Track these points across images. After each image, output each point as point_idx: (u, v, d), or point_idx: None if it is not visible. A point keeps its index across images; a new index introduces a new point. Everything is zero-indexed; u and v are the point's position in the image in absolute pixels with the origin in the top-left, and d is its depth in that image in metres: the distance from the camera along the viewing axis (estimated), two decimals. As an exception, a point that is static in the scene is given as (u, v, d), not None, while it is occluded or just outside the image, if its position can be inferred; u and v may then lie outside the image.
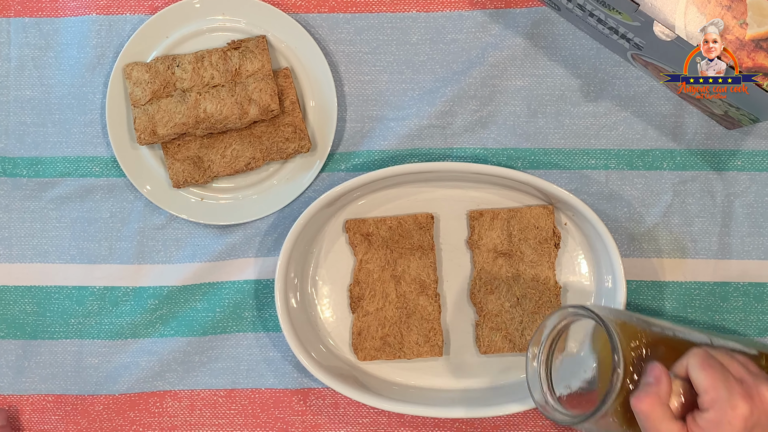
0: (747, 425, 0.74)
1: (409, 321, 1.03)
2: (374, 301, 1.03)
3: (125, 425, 1.06)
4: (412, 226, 1.03)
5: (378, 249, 1.03)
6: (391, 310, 1.03)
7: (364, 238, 1.03)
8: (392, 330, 1.03)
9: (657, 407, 0.77)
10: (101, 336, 1.07)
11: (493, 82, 1.05)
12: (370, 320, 1.03)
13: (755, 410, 0.75)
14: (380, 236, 1.03)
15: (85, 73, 1.07)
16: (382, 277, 1.03)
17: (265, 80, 1.02)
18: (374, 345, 1.03)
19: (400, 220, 1.03)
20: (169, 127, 1.02)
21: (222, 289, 1.06)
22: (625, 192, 1.05)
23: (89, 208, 1.07)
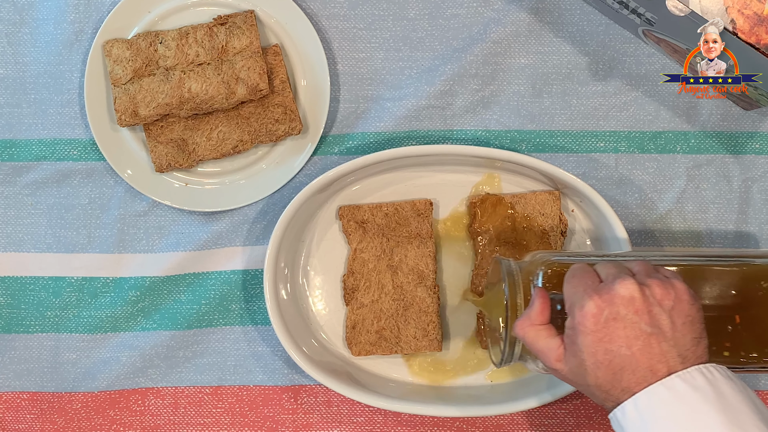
0: (598, 321, 0.77)
1: (407, 314, 1.03)
2: (369, 292, 1.03)
3: (105, 424, 1.06)
4: (409, 213, 1.03)
5: (373, 237, 1.03)
6: (388, 302, 1.03)
7: (359, 225, 1.03)
8: (388, 323, 1.03)
9: (528, 329, 0.82)
10: (79, 330, 1.07)
11: (495, 59, 1.05)
12: (365, 313, 1.03)
13: (606, 305, 0.77)
14: (376, 224, 1.03)
15: (62, 51, 1.07)
16: (378, 267, 1.03)
17: (254, 58, 1.02)
18: (369, 339, 1.02)
19: (397, 206, 1.03)
20: (152, 108, 1.02)
21: (208, 280, 1.06)
22: (636, 177, 1.05)
23: (66, 193, 1.07)
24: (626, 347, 0.76)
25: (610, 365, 0.77)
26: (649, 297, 0.78)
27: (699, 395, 0.74)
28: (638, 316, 0.77)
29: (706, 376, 0.75)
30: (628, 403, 0.76)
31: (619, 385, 0.77)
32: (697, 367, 0.76)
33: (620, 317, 0.77)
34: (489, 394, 1.02)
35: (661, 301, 0.78)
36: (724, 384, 0.75)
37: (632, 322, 0.77)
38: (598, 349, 0.77)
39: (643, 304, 0.77)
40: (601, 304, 0.78)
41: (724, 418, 0.72)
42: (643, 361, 0.76)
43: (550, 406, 1.04)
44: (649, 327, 0.76)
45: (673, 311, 0.77)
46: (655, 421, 0.74)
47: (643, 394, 0.75)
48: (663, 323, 0.77)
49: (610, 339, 0.77)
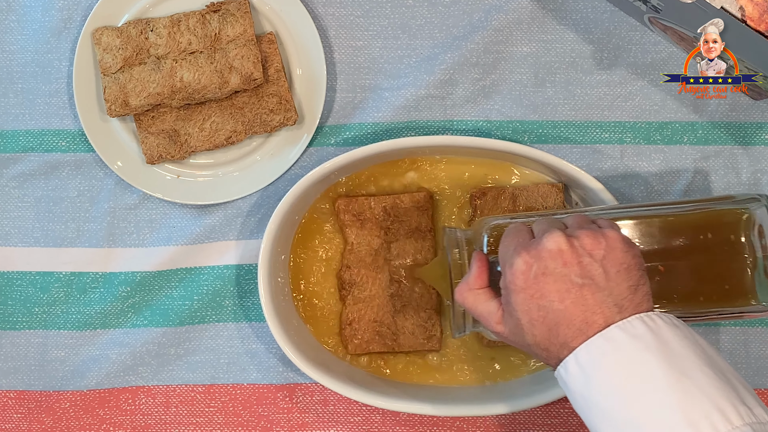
0: (528, 278, 0.77)
1: (405, 310, 1.02)
2: (366, 288, 1.02)
3: (94, 423, 1.06)
4: (408, 206, 1.02)
5: (371, 231, 1.02)
6: (385, 298, 1.02)
7: (356, 218, 1.02)
8: (386, 320, 1.02)
9: (467, 293, 0.84)
10: (68, 326, 1.06)
11: (497, 48, 1.05)
12: (361, 309, 1.02)
13: (534, 261, 0.77)
14: (374, 217, 1.02)
15: (50, 39, 1.06)
16: (375, 262, 1.02)
17: (248, 46, 1.01)
18: (365, 337, 1.02)
19: (395, 199, 1.02)
20: (143, 98, 1.02)
21: (200, 275, 1.06)
22: (641, 168, 1.05)
23: (55, 186, 1.07)
24: (558, 301, 0.76)
25: (545, 321, 0.77)
26: (578, 248, 0.77)
27: (639, 343, 0.73)
28: (567, 268, 0.76)
29: (647, 324, 0.74)
30: (570, 358, 0.75)
31: (556, 341, 0.76)
32: (638, 316, 0.75)
33: (549, 271, 0.76)
34: (490, 393, 1.01)
35: (591, 251, 0.77)
36: (667, 331, 0.74)
37: (562, 275, 0.76)
38: (531, 306, 0.77)
39: (572, 256, 0.77)
40: (529, 259, 0.78)
41: (666, 365, 0.71)
42: (577, 313, 0.75)
43: (553, 405, 1.04)
44: (579, 278, 0.76)
45: (605, 260, 0.77)
46: (596, 374, 0.73)
47: (582, 347, 0.74)
48: (595, 273, 0.76)
49: (542, 294, 0.76)
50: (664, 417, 0.70)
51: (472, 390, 1.03)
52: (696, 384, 0.71)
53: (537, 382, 1.01)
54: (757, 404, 0.72)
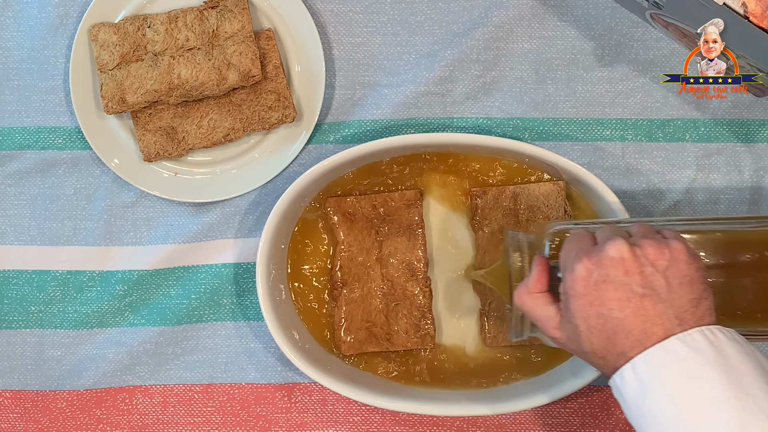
0: (588, 284, 0.77)
1: (398, 309, 1.02)
2: (358, 287, 1.02)
3: (91, 423, 1.06)
4: (399, 204, 1.02)
5: (362, 230, 1.02)
6: (377, 297, 1.02)
7: (346, 218, 1.02)
8: (378, 319, 1.02)
9: (526, 297, 0.84)
10: (64, 325, 1.06)
11: (497, 44, 1.05)
12: (353, 309, 1.02)
13: (594, 267, 0.77)
14: (364, 216, 1.02)
15: (47, 35, 1.06)
16: (367, 261, 1.02)
17: (246, 42, 1.01)
18: (358, 336, 1.02)
19: (386, 197, 1.02)
20: (140, 95, 1.01)
21: (198, 274, 1.06)
22: (643, 166, 1.04)
23: (51, 183, 1.07)
24: (618, 310, 0.75)
25: (603, 329, 0.76)
26: (640, 257, 0.77)
27: (700, 357, 0.72)
28: (629, 276, 0.76)
29: (708, 338, 0.73)
30: (626, 367, 0.74)
31: (614, 349, 0.76)
32: (699, 329, 0.74)
33: (610, 279, 0.76)
34: (490, 393, 1.01)
35: (654, 261, 0.76)
36: (728, 346, 0.73)
37: (623, 283, 0.76)
38: (590, 313, 0.77)
39: (634, 265, 0.76)
40: (590, 266, 0.77)
41: (726, 381, 0.71)
42: (637, 323, 0.75)
43: (554, 405, 1.04)
44: (641, 288, 0.75)
45: (668, 271, 0.76)
46: (653, 386, 0.73)
47: (640, 357, 0.74)
48: (657, 284, 0.75)
49: (601, 302, 0.76)
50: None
51: (473, 390, 1.02)
52: (756, 402, 0.70)
53: (537, 382, 1.00)
54: None
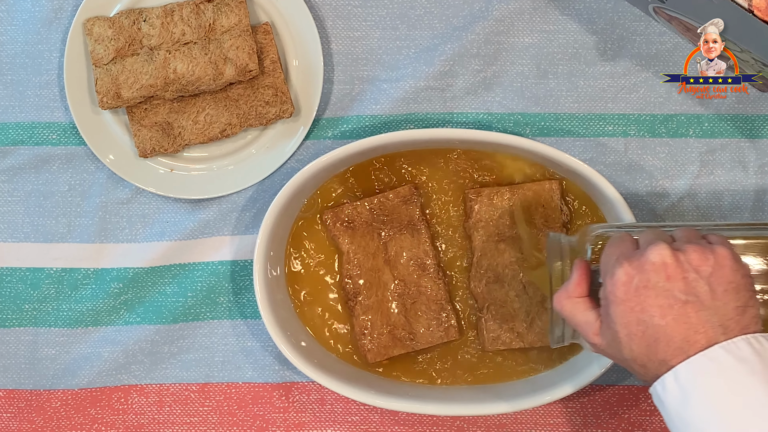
0: (628, 290, 0.76)
1: (415, 307, 1.01)
2: (372, 293, 1.02)
3: (85, 423, 1.05)
4: (395, 203, 1.02)
5: (363, 236, 1.02)
6: (393, 299, 1.02)
7: (346, 227, 1.02)
8: (398, 321, 1.01)
9: (566, 302, 0.83)
10: (59, 324, 1.06)
11: (498, 38, 1.04)
12: (371, 316, 1.01)
13: (635, 272, 0.76)
14: (363, 221, 1.02)
15: (41, 29, 1.06)
16: (375, 266, 1.02)
17: (243, 37, 1.01)
18: (382, 342, 1.01)
19: (381, 198, 1.02)
20: (135, 90, 1.01)
21: (194, 271, 1.06)
22: (646, 162, 1.04)
23: (45, 180, 1.06)
24: (659, 316, 0.74)
25: (644, 336, 0.75)
26: (683, 263, 0.75)
27: (745, 367, 0.71)
28: (671, 282, 0.75)
29: (753, 347, 0.72)
30: (668, 375, 0.74)
31: (655, 357, 0.75)
32: (744, 337, 0.73)
33: (651, 284, 0.75)
34: (490, 393, 1.01)
35: (697, 267, 0.75)
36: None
37: (665, 289, 0.75)
38: (630, 319, 0.76)
39: (677, 270, 0.75)
40: (631, 271, 0.76)
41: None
42: (679, 331, 0.74)
43: (556, 404, 1.04)
44: (683, 295, 0.74)
45: (712, 278, 0.75)
46: (696, 395, 0.72)
47: (683, 366, 0.73)
48: (700, 291, 0.74)
49: (642, 308, 0.75)
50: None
51: (473, 389, 1.02)
52: None
53: (539, 381, 1.00)
54: None
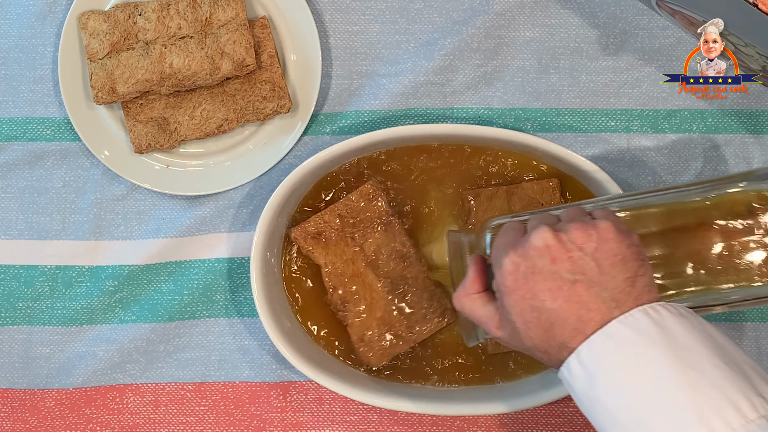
0: (517, 278, 0.76)
1: (407, 300, 1.01)
2: (361, 298, 1.01)
3: (80, 423, 1.05)
4: (360, 203, 1.01)
5: (337, 244, 1.01)
6: (383, 298, 1.01)
7: (317, 240, 1.01)
8: (395, 318, 1.01)
9: (464, 299, 0.83)
10: (53, 322, 1.06)
11: (498, 33, 1.05)
12: (366, 321, 1.01)
13: (521, 260, 0.76)
14: (332, 229, 1.01)
15: (35, 23, 1.06)
16: (356, 270, 1.01)
17: (240, 31, 1.01)
18: (383, 344, 1.01)
19: (345, 203, 1.01)
20: (131, 85, 1.01)
21: (190, 269, 1.06)
22: (649, 158, 1.04)
23: (39, 176, 1.06)
24: (551, 300, 0.74)
25: (540, 322, 0.75)
26: (566, 242, 0.75)
27: (644, 338, 0.71)
28: (557, 264, 0.75)
29: (650, 316, 0.72)
30: (572, 358, 0.73)
31: (554, 341, 0.74)
32: (641, 308, 0.73)
33: (538, 269, 0.75)
34: (491, 392, 1.01)
35: (581, 245, 0.75)
36: (673, 322, 0.72)
37: (551, 272, 0.75)
38: (524, 307, 0.76)
39: (561, 251, 0.75)
40: (516, 259, 0.76)
41: (674, 360, 0.69)
42: (572, 311, 0.74)
43: (556, 405, 1.03)
44: (570, 274, 0.74)
45: (597, 253, 0.75)
46: (600, 374, 0.71)
47: (584, 346, 0.72)
48: (587, 268, 0.74)
49: (533, 294, 0.75)
50: (673, 415, 0.68)
51: (473, 389, 1.02)
52: (706, 377, 0.69)
53: (539, 380, 1.00)
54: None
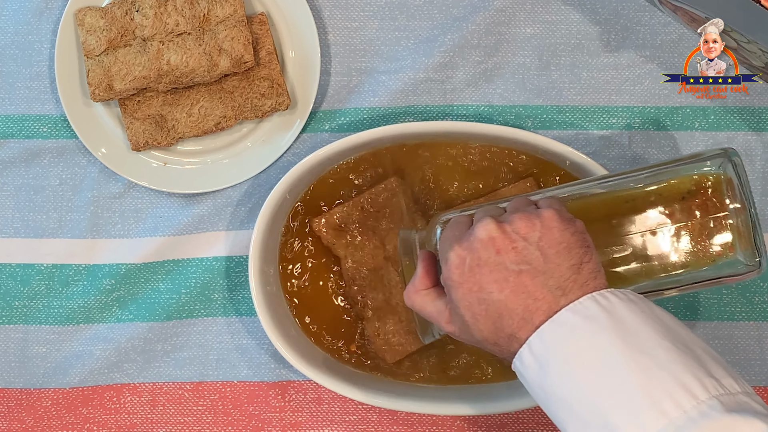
0: (463, 271, 0.77)
1: None
2: (379, 293, 1.01)
3: (77, 423, 1.05)
4: (385, 197, 1.01)
5: (359, 236, 1.01)
6: (400, 294, 1.01)
7: (339, 232, 1.01)
8: (410, 314, 1.00)
9: (414, 296, 0.83)
10: (49, 321, 1.06)
11: (499, 29, 1.04)
12: (382, 316, 1.01)
13: (466, 253, 0.77)
14: (355, 222, 1.01)
15: (31, 19, 1.06)
16: (376, 264, 1.01)
17: (238, 27, 1.01)
18: (399, 340, 1.01)
19: (369, 195, 1.01)
20: (128, 81, 1.01)
21: (188, 268, 1.06)
22: (651, 156, 1.04)
23: (35, 174, 1.06)
24: (497, 291, 0.75)
25: (488, 314, 0.75)
26: (510, 233, 0.76)
27: (593, 325, 0.71)
28: (502, 255, 0.75)
29: (599, 303, 0.72)
30: (523, 349, 0.74)
31: (503, 333, 0.75)
32: (590, 295, 0.73)
33: (483, 261, 0.75)
34: (492, 391, 1.01)
35: (525, 234, 0.75)
36: (622, 307, 0.72)
37: (497, 263, 0.75)
38: (471, 300, 0.76)
39: (505, 242, 0.75)
40: (461, 252, 0.77)
41: (623, 345, 0.70)
42: (518, 302, 0.74)
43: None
44: (515, 265, 0.74)
45: (542, 242, 0.75)
46: (551, 363, 0.71)
47: (535, 336, 0.73)
48: (531, 257, 0.75)
49: (480, 287, 0.75)
50: (625, 400, 0.68)
51: (474, 388, 1.02)
52: (656, 361, 0.69)
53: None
54: (726, 375, 0.69)
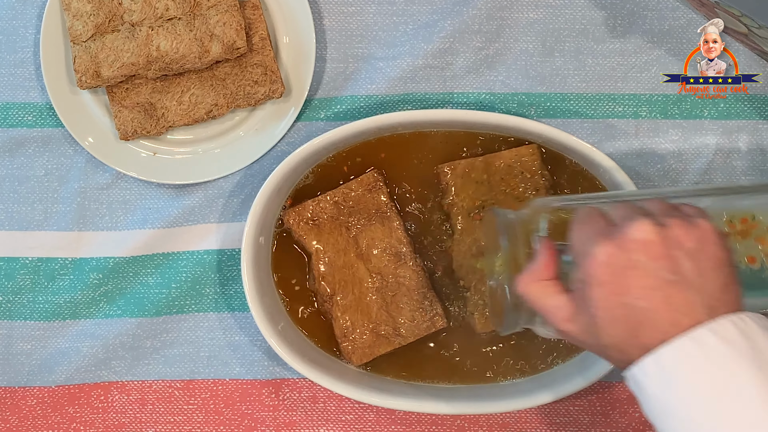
0: (610, 271, 0.74)
1: (396, 300, 1.00)
2: (348, 292, 1.00)
3: (63, 422, 1.05)
4: (360, 192, 1.01)
5: (331, 231, 1.01)
6: (371, 294, 1.00)
7: (311, 225, 1.00)
8: (380, 317, 1.00)
9: (532, 285, 0.80)
10: (34, 317, 1.06)
11: (501, 14, 1.05)
12: (351, 316, 1.00)
13: (618, 252, 0.73)
14: (328, 216, 1.01)
15: (16, 4, 1.06)
16: (348, 262, 1.01)
17: (230, 12, 1.01)
18: (366, 342, 1.00)
19: (344, 190, 1.01)
20: (116, 68, 1.01)
21: (178, 261, 1.06)
22: (658, 145, 1.04)
23: (20, 164, 1.07)
24: (644, 299, 0.72)
25: (627, 321, 0.72)
26: (668, 239, 0.73)
27: (731, 349, 0.69)
28: (656, 262, 0.72)
29: (739, 327, 0.70)
30: (648, 359, 0.71)
31: (636, 342, 0.72)
32: (729, 317, 0.70)
33: (634, 264, 0.72)
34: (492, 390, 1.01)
35: (683, 243, 0.73)
36: (760, 336, 0.70)
37: (650, 269, 0.72)
38: (612, 302, 0.73)
39: (662, 248, 0.72)
40: (613, 250, 0.73)
41: (760, 376, 0.67)
42: (665, 313, 0.71)
43: (561, 402, 1.03)
44: (669, 274, 0.72)
45: (699, 254, 0.72)
46: (679, 380, 0.69)
47: (667, 349, 0.70)
48: (686, 269, 0.72)
49: (626, 290, 0.73)
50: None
51: (474, 387, 1.02)
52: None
53: (541, 379, 1.00)
54: None
